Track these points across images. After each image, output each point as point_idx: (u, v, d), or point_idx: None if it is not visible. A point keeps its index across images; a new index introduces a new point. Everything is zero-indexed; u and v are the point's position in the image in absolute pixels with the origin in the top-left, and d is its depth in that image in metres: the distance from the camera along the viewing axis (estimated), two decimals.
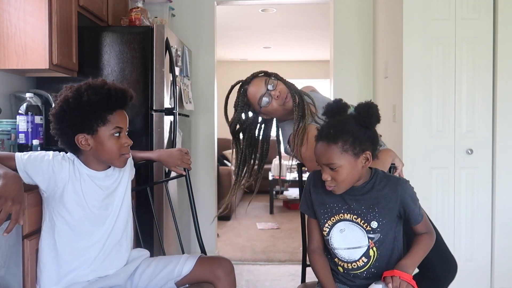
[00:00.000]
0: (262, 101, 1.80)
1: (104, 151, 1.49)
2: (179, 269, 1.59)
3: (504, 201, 2.90)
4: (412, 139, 2.90)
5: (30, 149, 2.25)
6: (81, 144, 1.47)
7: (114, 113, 1.49)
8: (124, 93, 1.52)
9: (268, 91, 1.80)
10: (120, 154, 1.51)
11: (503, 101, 2.88)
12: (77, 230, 1.50)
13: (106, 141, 1.48)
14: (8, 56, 2.32)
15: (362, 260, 1.49)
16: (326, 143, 1.42)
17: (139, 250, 1.71)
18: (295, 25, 5.77)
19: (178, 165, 1.87)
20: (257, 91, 1.82)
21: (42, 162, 1.47)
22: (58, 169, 1.48)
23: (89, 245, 1.52)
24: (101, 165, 1.55)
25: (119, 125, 1.50)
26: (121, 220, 1.61)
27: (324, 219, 1.53)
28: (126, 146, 1.52)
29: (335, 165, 1.42)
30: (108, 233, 1.56)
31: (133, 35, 2.70)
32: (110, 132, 1.48)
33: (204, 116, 3.79)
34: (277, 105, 1.81)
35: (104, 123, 1.47)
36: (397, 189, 1.48)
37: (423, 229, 1.53)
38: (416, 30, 2.88)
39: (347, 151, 1.41)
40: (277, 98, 1.80)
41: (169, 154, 1.87)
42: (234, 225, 5.23)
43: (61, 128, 1.48)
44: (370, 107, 1.45)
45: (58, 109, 1.47)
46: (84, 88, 1.47)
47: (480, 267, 2.94)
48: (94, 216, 1.53)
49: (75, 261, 1.51)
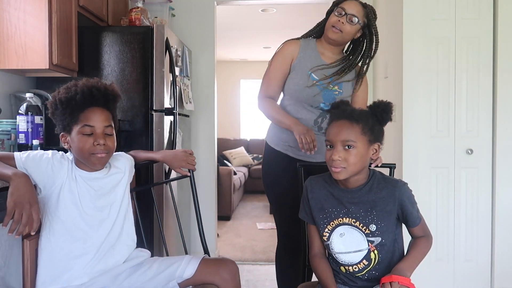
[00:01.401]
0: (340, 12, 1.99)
1: (75, 150, 1.49)
2: (181, 270, 1.57)
3: (504, 201, 2.90)
4: (412, 139, 2.90)
5: (30, 149, 2.25)
6: (63, 143, 1.51)
7: (86, 111, 1.47)
8: (91, 90, 1.49)
9: (348, 15, 1.98)
10: (90, 153, 1.48)
11: (503, 101, 2.88)
12: (72, 231, 1.50)
13: (75, 139, 1.47)
14: (8, 56, 2.32)
15: (363, 263, 1.49)
16: (348, 121, 1.45)
17: (139, 250, 1.69)
18: (295, 25, 5.77)
19: (183, 166, 1.85)
20: (350, 7, 1.99)
21: (41, 160, 1.47)
22: (57, 168, 1.48)
23: (85, 246, 1.51)
24: (86, 166, 1.53)
25: (88, 123, 1.47)
26: (118, 224, 1.59)
27: (323, 224, 1.53)
28: (97, 145, 1.47)
29: (352, 144, 1.42)
30: (104, 236, 1.54)
31: (133, 35, 2.70)
32: (79, 130, 1.47)
33: (204, 116, 3.79)
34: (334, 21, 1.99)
35: (76, 122, 1.47)
36: (395, 192, 1.48)
37: (421, 233, 1.53)
38: (416, 30, 2.88)
39: (365, 134, 1.44)
40: (338, 22, 1.98)
41: (174, 155, 1.85)
42: (234, 225, 5.23)
43: (55, 128, 1.53)
44: (389, 105, 1.50)
45: (50, 111, 1.53)
46: (60, 89, 1.51)
47: (480, 267, 2.94)
48: (89, 217, 1.51)
49: (70, 262, 1.50)
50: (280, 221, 2.13)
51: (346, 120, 1.45)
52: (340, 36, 2.02)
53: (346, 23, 1.99)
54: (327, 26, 2.05)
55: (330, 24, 2.02)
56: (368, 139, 1.45)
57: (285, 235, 2.10)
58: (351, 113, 1.46)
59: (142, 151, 1.86)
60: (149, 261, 1.63)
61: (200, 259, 1.61)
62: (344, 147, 1.43)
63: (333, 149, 1.44)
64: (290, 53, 2.09)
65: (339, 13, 2.00)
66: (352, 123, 1.44)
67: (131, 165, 1.74)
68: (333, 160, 1.43)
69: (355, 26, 2.01)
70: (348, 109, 1.49)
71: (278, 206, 2.11)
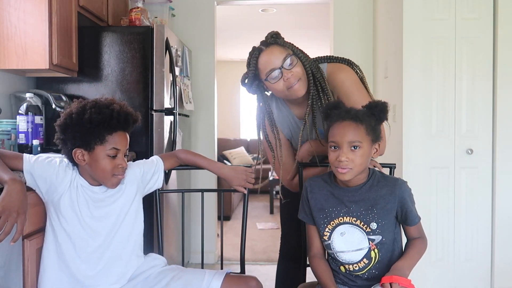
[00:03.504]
0: (271, 75, 1.63)
1: (97, 169, 1.50)
2: (205, 286, 1.52)
3: (504, 201, 2.90)
4: (412, 139, 2.90)
5: (30, 149, 2.25)
6: (77, 159, 1.49)
7: (114, 134, 1.50)
8: (126, 116, 1.52)
9: (282, 68, 1.62)
10: (112, 174, 1.51)
11: (503, 101, 2.88)
12: (74, 238, 1.51)
13: (100, 159, 1.49)
14: (8, 56, 2.32)
15: (364, 261, 1.49)
16: (353, 122, 1.44)
17: (153, 258, 1.66)
18: (295, 25, 5.77)
19: (242, 185, 1.79)
20: (271, 61, 1.63)
21: (49, 166, 1.50)
22: (61, 175, 1.51)
23: (85, 255, 1.51)
24: (94, 181, 1.56)
25: (116, 146, 1.50)
26: (122, 233, 1.57)
27: (323, 224, 1.53)
28: (120, 167, 1.52)
29: (358, 145, 1.43)
30: (105, 246, 1.54)
31: (133, 35, 2.70)
32: (106, 152, 1.49)
33: (204, 116, 3.79)
34: (282, 88, 1.64)
35: (102, 142, 1.48)
36: (395, 189, 1.49)
37: (417, 233, 1.54)
38: (416, 30, 2.88)
39: (369, 134, 1.45)
40: (286, 80, 1.63)
41: (235, 173, 1.79)
42: (234, 225, 5.23)
43: (63, 139, 1.51)
44: (385, 104, 1.51)
45: (62, 121, 1.50)
46: (89, 105, 1.49)
47: (480, 267, 2.94)
48: (88, 226, 1.52)
49: (75, 268, 1.50)
50: None
51: (351, 121, 1.45)
52: (301, 88, 1.66)
53: (288, 76, 1.63)
54: (280, 95, 1.72)
55: (281, 93, 1.69)
56: (371, 138, 1.46)
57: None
58: (356, 113, 1.46)
59: (193, 155, 1.82)
60: (165, 274, 1.58)
61: (224, 274, 1.56)
62: (350, 148, 1.43)
63: (340, 150, 1.44)
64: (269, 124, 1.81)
65: (273, 77, 1.64)
66: (357, 123, 1.44)
67: (143, 171, 1.69)
68: (340, 162, 1.43)
69: (296, 65, 1.65)
70: (352, 110, 1.49)
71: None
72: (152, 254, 1.69)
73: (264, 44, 1.68)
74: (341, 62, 1.82)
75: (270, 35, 1.68)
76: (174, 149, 2.88)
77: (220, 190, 2.10)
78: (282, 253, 2.08)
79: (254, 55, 1.67)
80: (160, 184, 1.76)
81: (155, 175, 1.73)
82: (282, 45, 1.66)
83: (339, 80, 1.75)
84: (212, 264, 3.75)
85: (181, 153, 1.83)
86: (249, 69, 1.69)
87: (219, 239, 3.64)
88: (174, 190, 2.91)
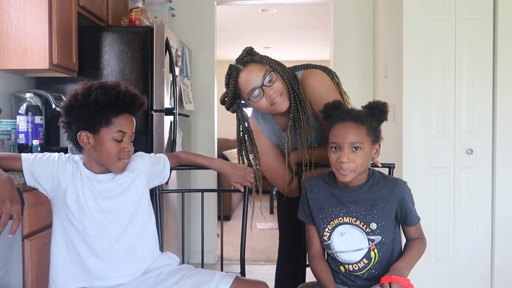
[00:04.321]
0: (253, 94, 1.62)
1: (102, 153, 1.46)
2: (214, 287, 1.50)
3: (504, 201, 2.90)
4: (412, 139, 2.90)
5: (30, 149, 2.25)
6: (82, 142, 1.45)
7: (120, 117, 1.46)
8: (133, 98, 1.49)
9: (263, 86, 1.61)
10: (118, 158, 1.47)
11: (503, 101, 2.88)
12: (83, 233, 1.47)
13: (106, 142, 1.45)
14: (8, 56, 2.32)
15: (363, 261, 1.49)
16: (355, 123, 1.44)
17: (168, 257, 1.63)
18: (295, 25, 5.77)
19: (240, 183, 1.78)
20: (251, 80, 1.62)
21: (48, 162, 1.46)
22: (62, 170, 1.47)
23: (98, 249, 1.48)
24: (99, 167, 1.51)
25: (122, 129, 1.46)
26: (135, 227, 1.54)
27: (323, 224, 1.53)
28: (126, 151, 1.48)
29: (360, 146, 1.43)
30: (115, 239, 1.50)
31: (133, 35, 2.70)
32: (112, 135, 1.45)
33: (204, 116, 3.79)
34: (265, 104, 1.65)
35: (108, 125, 1.44)
36: (395, 189, 1.49)
37: (416, 234, 1.54)
38: (416, 30, 2.88)
39: (370, 135, 1.46)
40: (268, 97, 1.62)
41: (234, 169, 1.78)
42: (234, 225, 5.23)
43: (67, 122, 1.47)
44: (385, 104, 1.51)
45: (67, 103, 1.47)
46: (95, 87, 1.45)
47: (480, 267, 2.94)
48: (95, 220, 1.48)
49: (87, 263, 1.47)
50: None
51: (353, 122, 1.44)
52: (284, 102, 1.65)
53: (270, 92, 1.62)
54: (265, 111, 1.71)
55: (265, 109, 1.68)
56: (371, 139, 1.47)
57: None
58: (357, 114, 1.46)
59: (193, 154, 1.81)
60: (177, 273, 1.56)
61: (233, 278, 1.53)
62: (351, 149, 1.43)
63: (341, 151, 1.44)
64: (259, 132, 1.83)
65: (255, 95, 1.63)
66: (358, 124, 1.44)
67: (152, 163, 1.67)
68: (341, 163, 1.43)
69: (276, 80, 1.64)
70: (353, 111, 1.48)
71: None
72: (168, 252, 1.66)
73: (241, 63, 1.66)
74: (316, 69, 1.80)
75: (246, 52, 1.67)
76: (174, 149, 2.88)
77: (220, 190, 2.11)
78: (280, 253, 2.08)
79: (233, 76, 1.65)
80: (165, 181, 1.74)
81: (163, 171, 1.71)
82: (259, 62, 1.65)
83: (309, 85, 1.73)
84: (212, 264, 3.75)
85: (182, 153, 1.83)
86: (229, 89, 1.67)
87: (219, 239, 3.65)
88: (174, 190, 2.91)
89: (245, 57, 1.66)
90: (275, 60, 1.71)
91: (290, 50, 7.32)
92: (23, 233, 1.58)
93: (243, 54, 1.67)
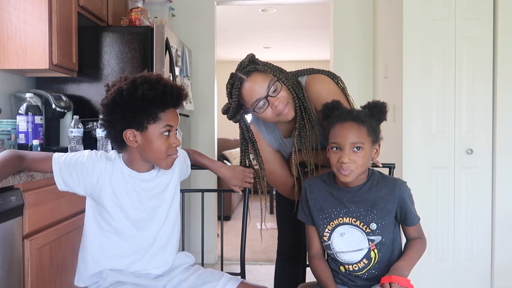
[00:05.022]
0: (258, 105, 1.58)
1: (151, 150, 1.39)
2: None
3: (504, 201, 2.90)
4: (412, 139, 2.90)
5: (30, 150, 2.25)
6: (128, 140, 1.37)
7: (166, 111, 1.38)
8: (179, 92, 1.42)
9: (268, 96, 1.57)
10: (167, 154, 1.40)
11: (503, 101, 2.88)
12: (120, 232, 1.43)
13: (154, 139, 1.37)
14: (8, 56, 2.32)
15: (363, 262, 1.49)
16: (355, 123, 1.43)
17: (186, 255, 1.62)
18: (295, 25, 5.77)
19: (239, 185, 1.77)
20: (256, 91, 1.57)
21: (76, 165, 1.38)
22: (91, 169, 1.39)
23: (133, 247, 1.45)
24: (145, 165, 1.45)
25: (170, 123, 1.39)
26: (168, 224, 1.53)
27: (323, 224, 1.53)
28: (174, 146, 1.41)
29: (361, 146, 1.42)
30: (153, 237, 1.48)
31: (133, 35, 2.70)
32: (160, 131, 1.37)
33: (204, 116, 3.79)
34: (271, 115, 1.61)
35: (155, 121, 1.36)
36: (395, 189, 1.49)
37: (416, 234, 1.54)
38: (416, 30, 2.88)
39: (370, 135, 1.45)
40: (274, 108, 1.58)
41: (233, 172, 1.76)
42: (234, 225, 5.23)
43: (110, 120, 1.38)
44: (384, 104, 1.51)
45: (111, 99, 1.36)
46: (139, 81, 1.36)
47: (480, 267, 2.94)
48: (135, 218, 1.44)
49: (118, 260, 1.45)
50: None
51: (354, 122, 1.44)
52: (290, 111, 1.63)
53: (276, 103, 1.58)
54: (270, 121, 1.68)
55: (271, 119, 1.64)
56: (372, 139, 1.46)
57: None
58: (357, 114, 1.45)
59: (197, 154, 1.79)
60: (188, 270, 1.57)
61: (238, 283, 1.52)
62: (352, 149, 1.43)
63: (342, 152, 1.43)
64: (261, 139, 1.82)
65: (260, 106, 1.59)
66: (359, 124, 1.44)
67: (183, 160, 1.65)
68: (342, 163, 1.42)
69: (282, 90, 1.60)
70: (354, 111, 1.48)
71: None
72: (186, 252, 1.66)
73: (244, 73, 1.59)
74: (320, 74, 1.78)
75: (248, 60, 1.61)
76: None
77: (220, 190, 2.10)
78: (279, 252, 2.08)
79: (236, 86, 1.60)
80: (187, 176, 1.73)
81: (188, 168, 1.71)
82: (263, 72, 1.60)
83: (314, 91, 1.70)
84: (212, 264, 3.75)
85: (190, 150, 1.81)
86: (232, 99, 1.62)
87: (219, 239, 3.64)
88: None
89: (247, 66, 1.60)
90: (278, 67, 1.68)
91: (290, 50, 7.32)
92: (23, 233, 1.58)
93: (245, 63, 1.61)
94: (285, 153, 1.84)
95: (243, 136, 1.78)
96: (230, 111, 1.67)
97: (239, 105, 1.65)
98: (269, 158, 1.81)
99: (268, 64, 1.66)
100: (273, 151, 1.82)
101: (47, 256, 1.74)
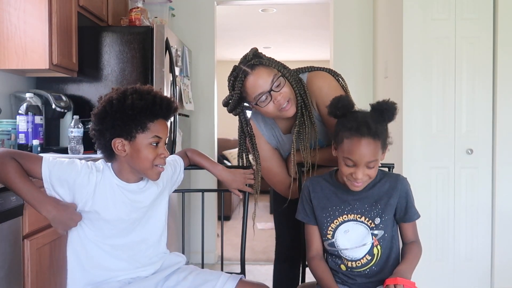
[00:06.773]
0: (261, 98, 1.58)
1: (139, 159, 1.40)
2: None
3: (504, 201, 2.90)
4: (412, 139, 2.90)
5: (30, 149, 2.25)
6: (117, 149, 1.38)
7: (156, 122, 1.40)
8: (169, 103, 1.44)
9: (271, 91, 1.58)
10: (154, 164, 1.41)
11: (503, 101, 2.88)
12: (106, 240, 1.43)
13: (142, 148, 1.39)
14: (8, 56, 2.32)
15: (366, 257, 1.50)
16: (372, 141, 1.40)
17: (176, 255, 1.63)
18: (295, 25, 5.77)
19: (240, 189, 1.78)
20: (259, 85, 1.57)
21: (67, 172, 1.38)
22: (85, 181, 1.39)
23: (117, 256, 1.46)
24: (133, 176, 1.45)
25: (158, 134, 1.40)
26: (155, 235, 1.54)
27: (326, 223, 1.53)
28: (162, 157, 1.42)
29: (375, 163, 1.41)
30: (139, 249, 1.49)
31: (133, 35, 2.70)
32: (149, 141, 1.39)
33: (204, 116, 3.79)
34: (273, 109, 1.61)
35: (144, 130, 1.38)
36: (397, 184, 1.51)
37: (413, 235, 1.54)
38: (416, 30, 2.88)
39: (382, 148, 1.44)
40: (276, 103, 1.59)
41: (233, 176, 1.77)
42: (234, 225, 5.23)
43: (100, 130, 1.40)
44: (395, 106, 1.46)
45: (101, 109, 1.39)
46: (130, 91, 1.39)
47: (480, 267, 2.94)
48: (119, 228, 1.45)
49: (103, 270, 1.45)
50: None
51: (371, 139, 1.40)
52: (292, 107, 1.63)
53: (278, 98, 1.58)
54: (271, 116, 1.68)
55: (272, 114, 1.64)
56: (383, 148, 1.45)
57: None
58: (376, 130, 1.41)
59: (198, 155, 1.79)
60: (184, 270, 1.57)
61: (238, 280, 1.53)
62: (370, 164, 1.41)
63: (356, 168, 1.41)
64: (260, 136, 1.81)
65: (262, 100, 1.59)
66: (375, 140, 1.41)
67: (171, 173, 1.65)
68: (356, 179, 1.42)
69: (284, 86, 1.60)
70: (370, 124, 1.41)
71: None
72: (176, 252, 1.66)
73: (249, 66, 1.59)
74: (322, 71, 1.78)
75: (252, 53, 1.62)
76: (174, 149, 2.88)
77: (220, 190, 2.10)
78: (277, 253, 2.07)
79: (239, 79, 1.59)
80: (178, 185, 1.73)
81: (180, 175, 1.71)
82: (267, 66, 1.60)
83: (316, 87, 1.70)
84: (212, 264, 3.75)
85: (189, 152, 1.81)
86: (234, 92, 1.62)
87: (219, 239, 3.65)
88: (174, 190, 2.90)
89: (252, 60, 1.60)
90: (281, 63, 1.68)
91: (290, 50, 7.32)
92: (23, 233, 1.58)
93: (249, 56, 1.61)
94: (283, 151, 1.84)
95: (242, 130, 1.79)
96: (231, 103, 1.67)
97: (240, 98, 1.65)
98: (267, 156, 1.81)
99: (272, 59, 1.66)
100: (271, 149, 1.82)
101: (47, 256, 1.75)
